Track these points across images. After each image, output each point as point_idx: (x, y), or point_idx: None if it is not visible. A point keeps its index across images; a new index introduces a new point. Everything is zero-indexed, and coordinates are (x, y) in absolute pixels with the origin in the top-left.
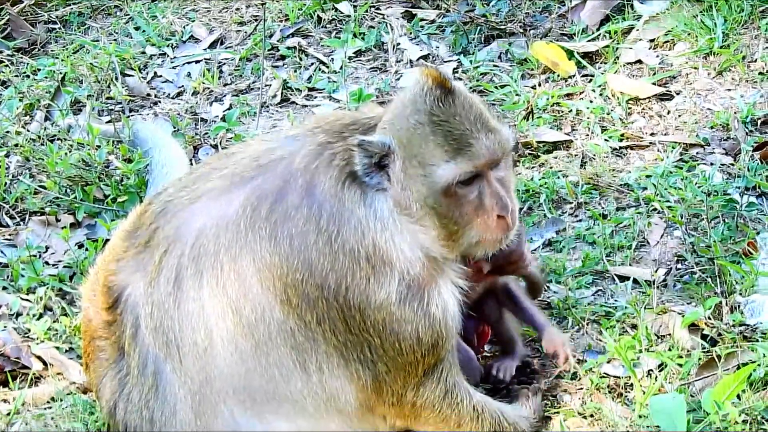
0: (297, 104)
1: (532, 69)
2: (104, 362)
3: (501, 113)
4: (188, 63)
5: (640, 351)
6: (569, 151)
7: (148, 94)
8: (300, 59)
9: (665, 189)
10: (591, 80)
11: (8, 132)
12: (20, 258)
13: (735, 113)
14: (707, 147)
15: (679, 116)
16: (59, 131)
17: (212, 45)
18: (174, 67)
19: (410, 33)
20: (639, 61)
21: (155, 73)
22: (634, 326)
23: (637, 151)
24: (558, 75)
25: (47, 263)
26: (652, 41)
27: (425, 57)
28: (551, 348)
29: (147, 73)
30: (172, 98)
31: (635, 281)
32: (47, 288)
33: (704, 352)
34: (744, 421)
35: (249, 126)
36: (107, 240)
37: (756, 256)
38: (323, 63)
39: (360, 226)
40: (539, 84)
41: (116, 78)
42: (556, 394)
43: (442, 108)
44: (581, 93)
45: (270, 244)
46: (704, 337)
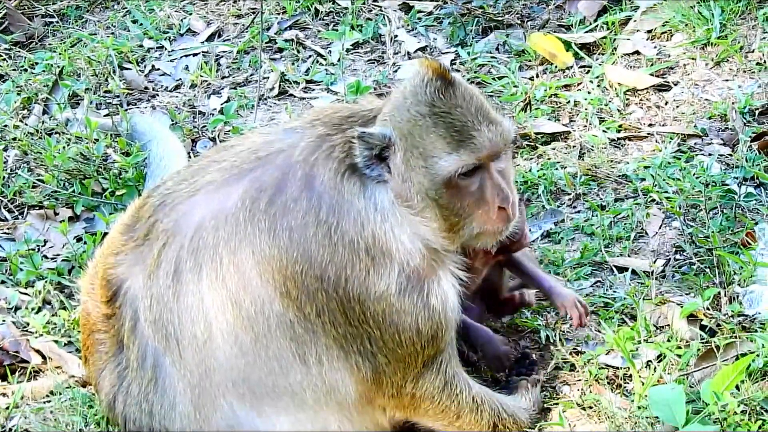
0: (295, 97)
1: (530, 60)
2: (103, 355)
3: (499, 105)
4: (186, 56)
5: (639, 342)
6: (567, 143)
7: (146, 88)
8: (297, 52)
9: (663, 180)
10: (589, 71)
11: (6, 126)
12: (19, 252)
13: (733, 104)
14: (705, 138)
15: (677, 107)
16: (57, 125)
17: (210, 38)
18: (172, 60)
19: (408, 25)
20: (637, 52)
21: (153, 67)
22: (633, 317)
23: (635, 142)
24: (556, 66)
25: (46, 257)
26: (650, 32)
27: (423, 49)
28: (564, 309)
29: (145, 67)
30: (170, 91)
31: (634, 272)
32: (46, 282)
33: (703, 343)
34: (743, 412)
35: (247, 119)
36: (106, 233)
37: (754, 247)
38: (321, 55)
39: (359, 218)
40: (537, 75)
41: (114, 71)
42: (555, 386)
43: (443, 99)
44: (579, 84)
45: (269, 237)
46: (703, 328)
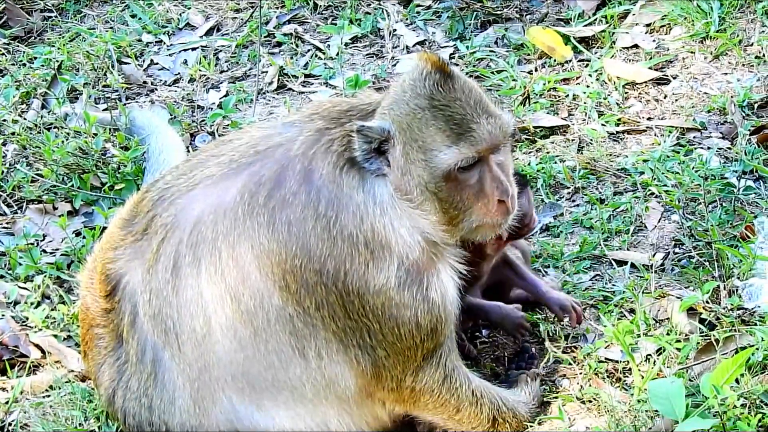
0: (294, 91)
1: (529, 54)
2: (102, 350)
3: (498, 99)
4: (185, 50)
5: (639, 335)
6: (566, 136)
7: (145, 82)
8: (296, 46)
9: (662, 173)
10: (587, 65)
11: (5, 120)
12: (18, 246)
13: (732, 97)
14: (704, 131)
15: (676, 100)
16: (56, 119)
17: (208, 32)
18: (170, 55)
19: (406, 19)
20: (635, 46)
21: (152, 61)
22: (632, 311)
23: (634, 136)
24: (554, 60)
25: (45, 251)
26: (649, 26)
27: (421, 43)
28: (560, 312)
29: (143, 61)
30: (169, 86)
31: (633, 266)
32: (45, 276)
33: (702, 336)
34: (743, 405)
35: (246, 113)
36: (104, 228)
37: (753, 240)
38: (319, 49)
39: (358, 212)
40: (536, 69)
41: (113, 66)
42: (555, 379)
43: (443, 93)
44: (578, 78)
45: (268, 231)
46: (702, 321)
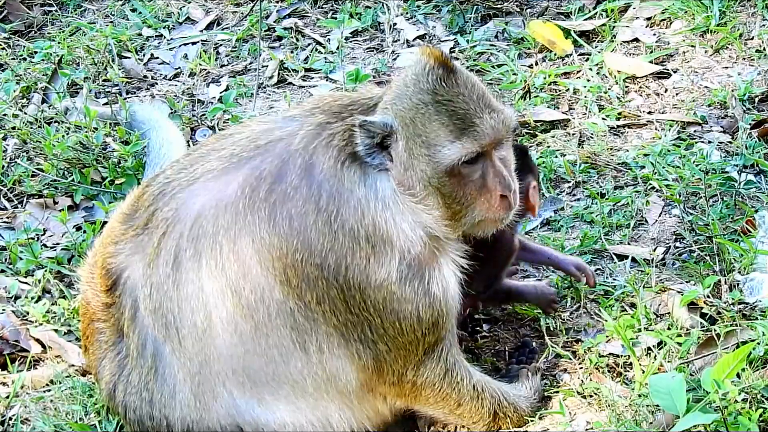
0: (294, 85)
1: (529, 48)
2: (103, 344)
3: (498, 93)
4: (185, 44)
5: (639, 330)
6: (567, 130)
7: (145, 76)
8: (297, 40)
9: (663, 167)
10: (588, 59)
11: (5, 115)
12: (18, 241)
13: (732, 91)
14: (705, 125)
15: (677, 94)
16: (56, 114)
17: (209, 26)
18: (171, 49)
19: (407, 13)
20: (636, 40)
21: (152, 55)
22: (633, 305)
23: (635, 130)
24: (555, 54)
25: (45, 246)
26: (649, 19)
27: (422, 37)
28: (577, 272)
29: (144, 55)
30: (169, 80)
31: (634, 260)
32: (45, 271)
33: (703, 331)
34: (744, 400)
35: (246, 107)
36: (105, 222)
37: (754, 234)
38: (320, 43)
39: (360, 206)
40: (536, 63)
41: (113, 60)
42: (556, 374)
43: (446, 87)
44: (578, 72)
45: (269, 225)
46: (703, 316)
